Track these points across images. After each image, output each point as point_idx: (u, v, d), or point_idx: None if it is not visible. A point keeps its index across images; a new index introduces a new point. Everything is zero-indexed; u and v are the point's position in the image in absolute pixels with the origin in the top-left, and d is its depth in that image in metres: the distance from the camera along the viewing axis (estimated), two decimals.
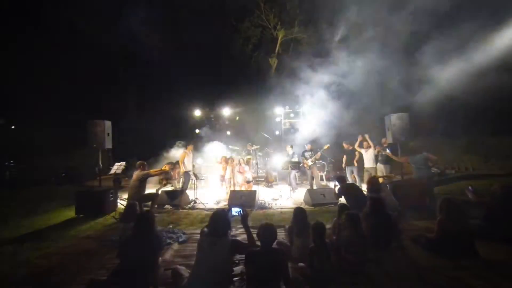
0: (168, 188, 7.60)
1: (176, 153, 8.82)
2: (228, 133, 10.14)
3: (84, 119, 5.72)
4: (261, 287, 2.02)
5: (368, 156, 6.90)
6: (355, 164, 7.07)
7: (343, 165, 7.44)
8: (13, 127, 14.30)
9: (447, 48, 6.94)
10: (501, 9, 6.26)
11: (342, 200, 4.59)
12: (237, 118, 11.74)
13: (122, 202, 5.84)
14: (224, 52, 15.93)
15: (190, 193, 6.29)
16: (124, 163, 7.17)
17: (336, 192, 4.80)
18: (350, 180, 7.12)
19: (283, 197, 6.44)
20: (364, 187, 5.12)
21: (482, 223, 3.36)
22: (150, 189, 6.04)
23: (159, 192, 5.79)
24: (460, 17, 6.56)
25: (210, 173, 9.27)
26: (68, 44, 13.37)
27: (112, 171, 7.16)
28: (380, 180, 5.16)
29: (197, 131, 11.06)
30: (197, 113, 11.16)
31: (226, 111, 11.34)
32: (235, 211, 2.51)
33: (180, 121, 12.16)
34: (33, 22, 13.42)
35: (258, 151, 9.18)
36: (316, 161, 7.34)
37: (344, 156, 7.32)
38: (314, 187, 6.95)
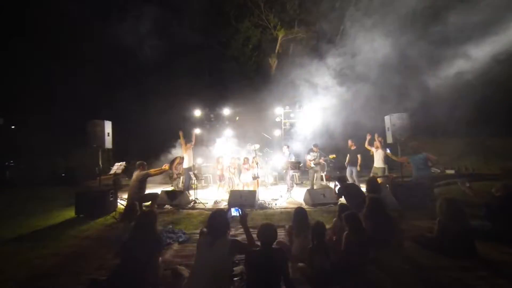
0: (169, 188, 7.61)
1: (176, 153, 8.84)
2: (228, 133, 10.13)
3: (84, 119, 5.72)
4: (261, 287, 2.01)
5: (378, 156, 6.72)
6: (358, 165, 7.05)
7: (346, 163, 7.40)
8: (13, 127, 14.30)
9: (447, 46, 6.92)
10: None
11: (342, 200, 4.58)
12: (237, 118, 11.73)
13: (122, 202, 5.84)
14: (224, 52, 15.93)
15: (190, 193, 6.29)
16: (124, 163, 7.16)
17: (336, 192, 4.80)
18: (350, 179, 7.12)
19: (283, 197, 6.44)
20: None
21: (482, 223, 3.36)
22: (152, 189, 6.06)
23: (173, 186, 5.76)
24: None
25: (210, 173, 9.30)
26: (68, 44, 13.36)
27: (112, 171, 7.15)
28: (379, 180, 5.15)
29: (197, 131, 11.04)
30: (197, 113, 11.14)
31: (226, 111, 11.33)
32: (234, 211, 2.52)
33: (180, 121, 12.15)
34: (33, 22, 13.42)
35: (258, 151, 9.18)
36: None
37: (348, 155, 7.30)
38: (315, 187, 6.96)
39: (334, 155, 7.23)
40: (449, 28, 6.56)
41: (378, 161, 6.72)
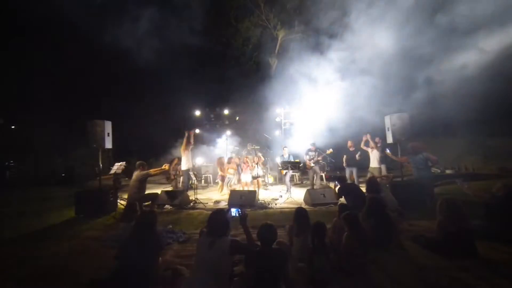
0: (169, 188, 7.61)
1: (176, 153, 8.83)
2: (228, 133, 10.14)
3: (84, 119, 5.72)
4: (261, 287, 2.01)
5: (373, 157, 6.81)
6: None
7: (344, 165, 7.43)
8: (13, 127, 14.31)
9: (447, 44, 6.90)
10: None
11: (342, 200, 4.59)
12: (237, 118, 11.75)
13: (122, 202, 5.84)
14: (224, 52, 15.93)
15: (190, 193, 6.30)
16: (124, 163, 7.16)
17: (336, 192, 4.80)
18: (349, 180, 7.12)
19: (283, 197, 6.45)
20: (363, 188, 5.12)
21: (482, 223, 3.36)
22: (151, 189, 6.06)
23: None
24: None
25: (210, 173, 9.30)
26: (69, 44, 13.36)
27: (112, 171, 7.15)
28: (378, 180, 5.15)
29: (197, 131, 11.05)
30: (197, 113, 11.15)
31: (226, 111, 11.34)
32: (234, 211, 2.51)
33: (180, 121, 12.16)
34: (33, 22, 13.42)
35: (258, 151, 9.18)
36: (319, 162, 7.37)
37: (345, 156, 7.31)
38: (315, 187, 6.96)
39: (331, 150, 7.27)
40: (451, 22, 6.53)
41: (373, 162, 6.83)
